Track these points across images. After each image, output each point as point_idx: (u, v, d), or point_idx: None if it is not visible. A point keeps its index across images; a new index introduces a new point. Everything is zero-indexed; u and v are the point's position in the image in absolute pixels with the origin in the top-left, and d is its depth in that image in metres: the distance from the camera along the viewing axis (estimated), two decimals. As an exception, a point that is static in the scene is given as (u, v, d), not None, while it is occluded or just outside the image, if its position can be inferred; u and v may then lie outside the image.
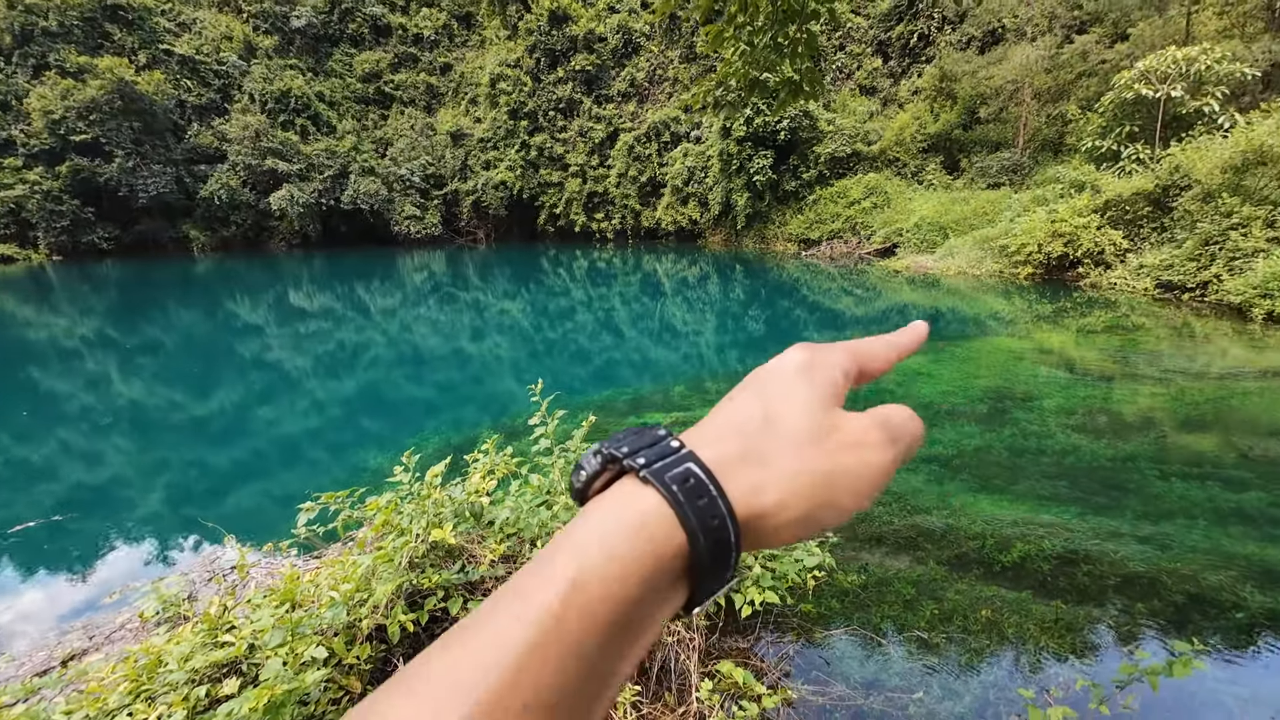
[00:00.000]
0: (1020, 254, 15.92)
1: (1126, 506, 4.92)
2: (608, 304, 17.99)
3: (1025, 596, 3.65)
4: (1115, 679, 2.55)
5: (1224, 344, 10.06)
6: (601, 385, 9.44)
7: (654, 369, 10.61)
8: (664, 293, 19.70)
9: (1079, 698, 2.57)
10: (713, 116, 27.48)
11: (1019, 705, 2.59)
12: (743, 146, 26.49)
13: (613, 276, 24.46)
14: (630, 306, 17.44)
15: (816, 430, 0.31)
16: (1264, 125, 12.50)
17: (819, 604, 3.46)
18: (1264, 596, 3.59)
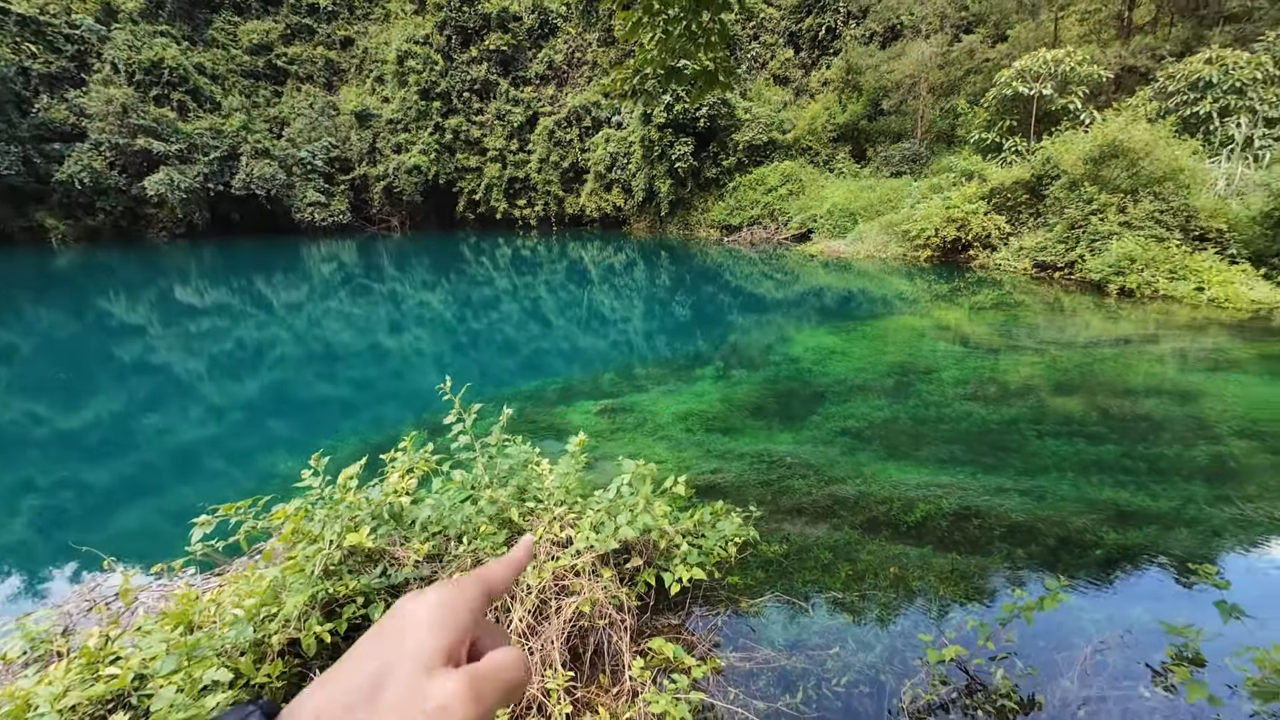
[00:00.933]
0: (920, 238, 17.19)
1: (1010, 464, 5.49)
2: (534, 293, 17.64)
3: (927, 552, 4.01)
4: (999, 617, 2.87)
5: (1087, 316, 11.40)
6: (530, 375, 9.29)
7: (583, 357, 10.57)
8: (591, 280, 19.59)
9: (969, 637, 2.87)
10: (632, 104, 27.42)
11: (922, 649, 2.85)
12: (664, 133, 26.66)
13: (538, 264, 23.99)
14: (557, 295, 17.21)
15: (408, 701, 0.35)
16: (1115, 122, 14.17)
17: (745, 575, 3.62)
18: (1117, 534, 4.15)
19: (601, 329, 12.94)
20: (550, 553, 2.57)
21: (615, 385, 8.28)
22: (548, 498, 2.92)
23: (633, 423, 6.72)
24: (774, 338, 10.89)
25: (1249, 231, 12.23)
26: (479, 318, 14.31)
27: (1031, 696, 2.55)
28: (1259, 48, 16.69)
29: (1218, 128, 15.78)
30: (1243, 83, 15.64)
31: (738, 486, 5.02)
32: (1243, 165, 14.47)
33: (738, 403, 7.40)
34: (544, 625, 2.38)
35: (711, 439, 6.21)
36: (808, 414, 6.98)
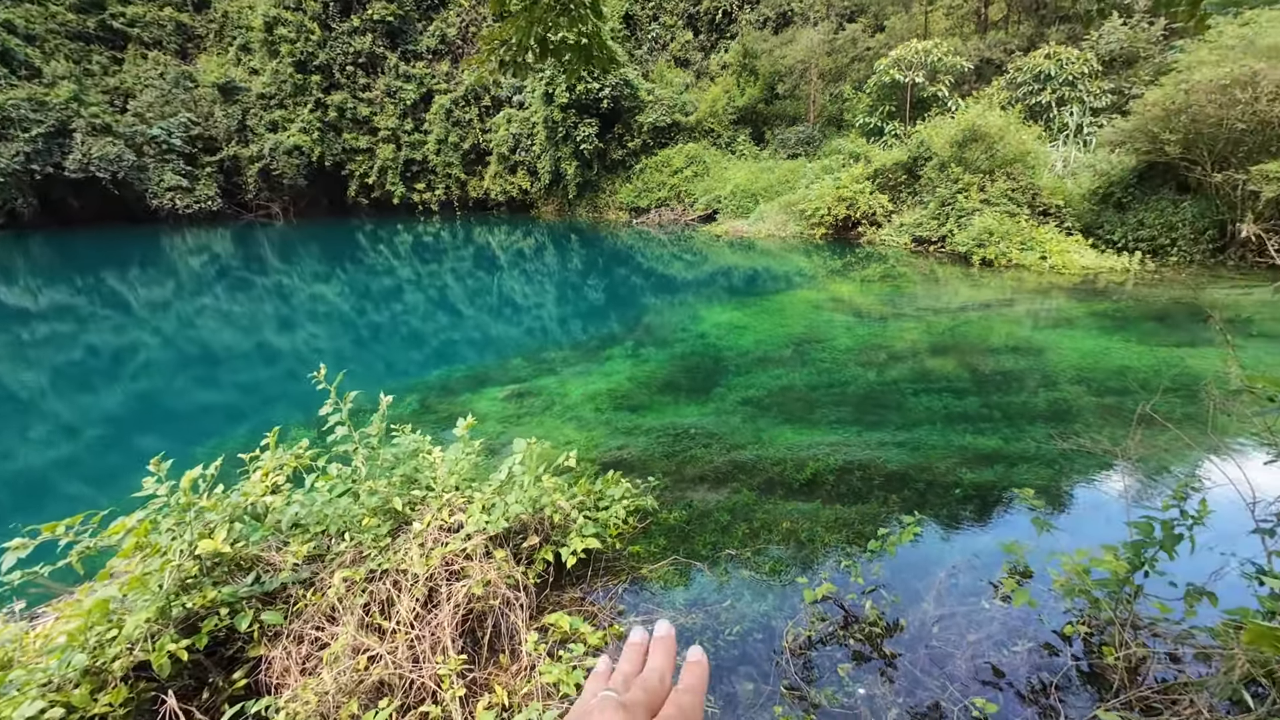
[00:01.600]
0: (815, 217, 18.21)
1: (889, 421, 6.02)
2: (439, 281, 16.86)
3: (816, 506, 4.32)
4: (866, 555, 3.16)
5: (956, 285, 12.65)
6: (436, 365, 8.90)
7: (493, 344, 10.27)
8: (500, 266, 19.01)
9: (844, 576, 3.16)
10: (509, 78, 26.61)
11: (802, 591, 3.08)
12: (567, 114, 26.15)
13: (442, 251, 22.91)
14: (465, 282, 16.55)
15: None
16: (974, 109, 15.69)
17: (648, 544, 3.73)
18: (973, 474, 4.69)
19: (511, 315, 12.63)
20: (440, 538, 2.50)
21: (524, 370, 8.15)
22: (439, 484, 2.84)
23: (541, 405, 6.65)
24: (683, 316, 11.15)
25: (1080, 207, 14.07)
26: (381, 309, 13.47)
27: (896, 621, 2.85)
28: (1086, 45, 19.08)
29: (1055, 116, 17.94)
30: (1074, 76, 17.83)
31: (644, 460, 5.14)
32: (1075, 149, 16.58)
33: (646, 380, 7.53)
34: (435, 612, 2.33)
35: (619, 416, 6.29)
36: (712, 386, 7.25)
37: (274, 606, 2.39)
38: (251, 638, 2.28)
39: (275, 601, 2.44)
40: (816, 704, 2.43)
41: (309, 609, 2.33)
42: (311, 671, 2.16)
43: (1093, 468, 4.74)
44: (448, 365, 8.66)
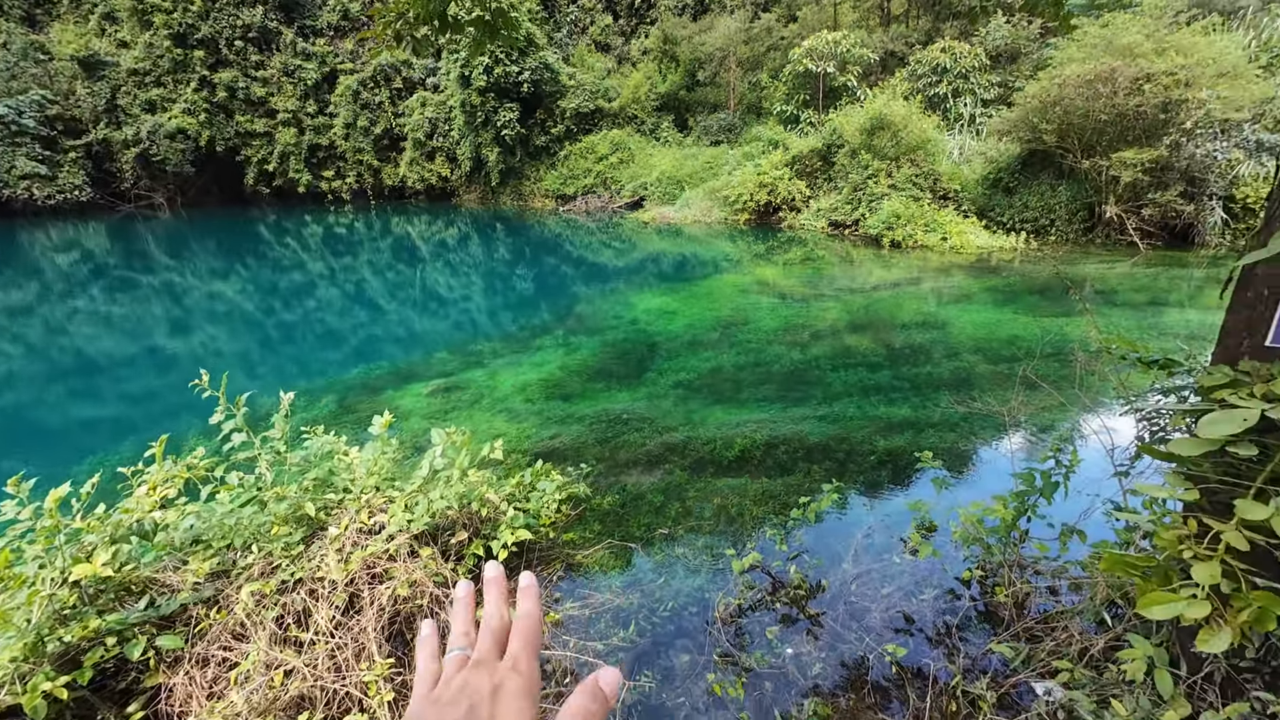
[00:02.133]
0: (738, 202, 18.69)
1: (811, 396, 6.32)
2: (356, 275, 15.89)
3: (744, 481, 4.49)
4: (790, 523, 3.33)
5: (870, 265, 13.41)
6: (354, 364, 8.40)
7: (420, 339, 9.82)
8: (422, 258, 18.19)
9: (769, 544, 3.31)
10: (406, 53, 25.44)
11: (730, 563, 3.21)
12: (485, 98, 25.21)
13: (358, 243, 21.57)
14: (384, 276, 15.69)
15: None
16: (880, 99, 16.61)
17: (583, 530, 3.74)
18: (886, 442, 5.02)
19: (436, 309, 12.14)
20: (359, 542, 2.38)
21: (451, 364, 7.87)
22: (357, 486, 2.70)
23: (469, 399, 6.47)
24: (613, 303, 11.15)
25: (974, 191, 15.28)
26: (291, 307, 12.54)
27: (819, 582, 3.02)
28: (976, 41, 20.61)
29: (951, 106, 19.31)
30: (967, 70, 19.24)
31: (577, 448, 5.12)
32: (969, 137, 17.95)
33: (578, 368, 7.49)
34: (357, 618, 2.22)
35: (551, 406, 6.23)
36: (644, 371, 7.32)
37: (173, 630, 2.19)
38: (148, 666, 2.09)
39: (174, 625, 2.25)
40: (748, 668, 2.54)
41: (214, 629, 2.16)
42: (219, 695, 2.01)
43: (987, 428, 5.21)
44: (368, 363, 8.21)
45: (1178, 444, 1.46)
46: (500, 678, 0.46)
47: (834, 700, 2.39)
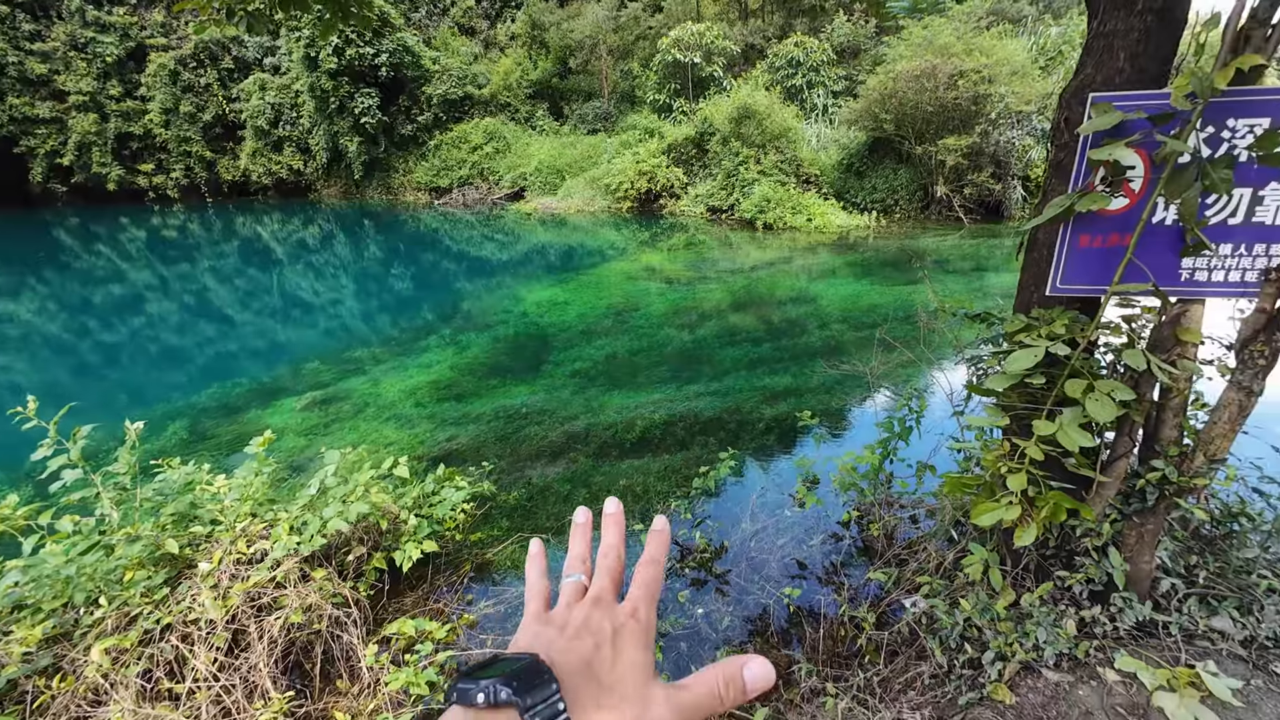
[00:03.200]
0: (619, 191, 18.90)
1: (702, 374, 6.65)
2: (196, 284, 13.92)
3: (647, 460, 4.64)
4: (692, 492, 3.52)
5: (747, 248, 14.25)
6: (205, 385, 7.40)
7: (285, 351, 8.86)
8: (278, 261, 16.37)
9: (674, 515, 3.49)
10: (241, 30, 22.86)
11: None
12: (339, 82, 23.01)
13: (194, 247, 18.88)
14: (233, 284, 13.90)
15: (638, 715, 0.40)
16: (744, 89, 17.60)
17: (490, 528, 3.66)
18: (772, 409, 5.44)
19: (301, 316, 11.02)
20: (238, 574, 2.16)
21: (325, 374, 7.22)
22: (229, 515, 2.43)
23: (351, 410, 6.00)
24: (502, 298, 10.84)
25: (832, 175, 16.77)
26: (112, 327, 10.73)
27: (722, 544, 3.24)
28: (823, 37, 22.46)
29: (807, 97, 20.94)
30: (817, 63, 20.94)
31: (477, 447, 4.98)
32: (824, 126, 19.61)
33: (469, 367, 7.23)
34: (245, 655, 2.03)
35: (444, 408, 5.97)
36: (540, 364, 7.24)
37: (3, 712, 1.86)
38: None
39: (3, 705, 1.90)
40: (664, 632, 2.67)
41: (61, 699, 1.86)
42: (77, 771, 1.75)
43: (858, 387, 5.83)
44: (221, 382, 7.28)
45: (991, 380, 1.76)
46: (621, 621, 0.46)
47: (743, 647, 2.60)
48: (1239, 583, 1.91)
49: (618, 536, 0.55)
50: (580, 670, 0.41)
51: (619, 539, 0.55)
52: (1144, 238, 1.63)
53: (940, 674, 1.92)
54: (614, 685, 0.41)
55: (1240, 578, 1.91)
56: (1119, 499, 1.87)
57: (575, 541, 0.56)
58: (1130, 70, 1.71)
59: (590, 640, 0.44)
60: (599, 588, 0.50)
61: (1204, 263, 1.63)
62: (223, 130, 27.61)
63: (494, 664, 0.41)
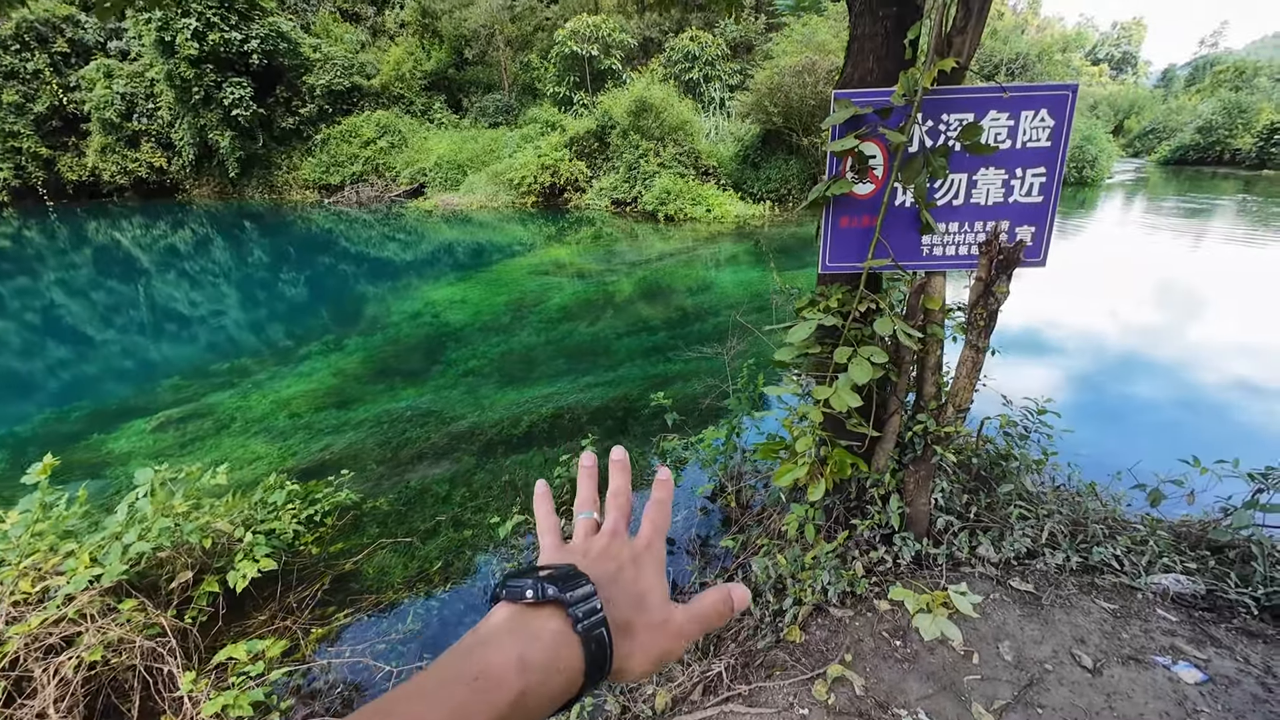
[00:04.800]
0: (523, 185, 18.57)
1: (598, 364, 6.72)
2: (40, 299, 12.20)
3: (532, 454, 4.65)
4: (555, 480, 3.57)
5: (651, 239, 14.48)
6: (38, 409, 6.51)
7: (142, 369, 7.97)
8: (143, 269, 14.70)
9: None
10: (138, 24, 20.41)
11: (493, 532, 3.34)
12: (202, 70, 20.79)
13: (36, 259, 16.50)
14: (89, 297, 12.30)
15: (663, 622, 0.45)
16: (640, 83, 17.81)
17: (360, 536, 3.53)
18: (659, 395, 5.59)
19: (164, 330, 9.96)
20: (20, 615, 1.95)
21: (186, 391, 6.60)
22: (18, 549, 2.19)
23: (213, 426, 5.54)
24: (396, 299, 10.36)
25: (730, 167, 17.37)
26: None
27: (591, 528, 3.32)
28: (717, 32, 23.12)
29: (704, 90, 21.51)
30: (712, 58, 21.54)
31: (354, 455, 4.76)
32: (721, 119, 20.26)
33: (354, 373, 6.88)
34: (28, 705, 1.84)
35: (322, 417, 5.66)
36: (432, 365, 7.01)
37: None
38: None
39: None
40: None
41: None
42: None
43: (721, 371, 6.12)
44: (58, 406, 6.46)
45: (779, 352, 1.93)
46: (639, 549, 0.49)
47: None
48: (1001, 515, 2.23)
49: (624, 480, 0.58)
50: (611, 582, 0.46)
51: (625, 482, 0.58)
52: (889, 219, 1.85)
53: (755, 625, 2.10)
54: (641, 596, 0.46)
55: (1002, 510, 2.24)
56: (897, 451, 2.12)
57: (583, 484, 0.59)
58: (877, 70, 1.92)
59: (613, 564, 0.47)
60: (612, 521, 0.53)
61: (938, 240, 1.87)
62: (61, 124, 24.21)
63: (533, 571, 0.44)
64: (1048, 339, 7.38)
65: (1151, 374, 6.42)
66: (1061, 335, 7.51)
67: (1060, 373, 6.35)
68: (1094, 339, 7.43)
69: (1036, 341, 7.27)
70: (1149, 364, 6.70)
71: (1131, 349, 7.12)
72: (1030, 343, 7.20)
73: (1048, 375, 6.26)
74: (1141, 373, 6.45)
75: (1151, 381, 6.19)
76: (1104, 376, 6.28)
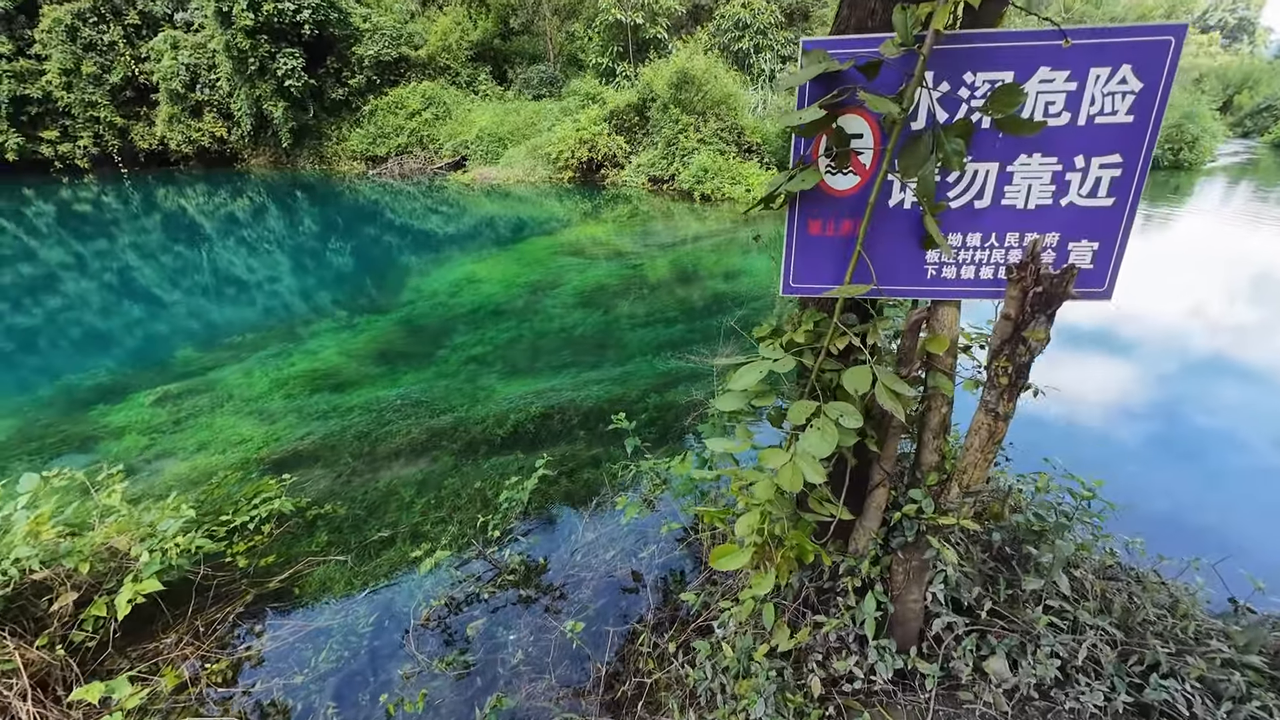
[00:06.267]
0: (560, 160, 18.10)
1: (606, 358, 6.30)
2: (118, 261, 12.83)
3: (515, 456, 4.30)
4: (502, 506, 3.18)
5: (685, 219, 13.81)
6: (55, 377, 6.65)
7: (166, 337, 8.08)
8: (206, 236, 15.25)
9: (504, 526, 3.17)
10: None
11: (463, 560, 3.01)
12: (257, 41, 21.18)
13: (112, 223, 17.40)
14: (159, 261, 12.83)
15: None
16: (683, 53, 16.87)
17: (307, 542, 3.28)
18: (658, 398, 5.13)
19: (197, 299, 10.17)
20: None
21: (196, 363, 6.62)
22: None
23: (209, 403, 5.47)
24: (417, 275, 10.24)
25: (775, 144, 16.32)
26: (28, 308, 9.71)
27: (541, 561, 2.94)
28: (773, -2, 21.69)
29: (754, 61, 20.29)
30: (765, 26, 20.23)
31: (331, 446, 4.55)
32: (770, 93, 19.07)
33: (359, 353, 6.73)
34: None
35: (316, 400, 5.50)
36: (435, 350, 6.78)
37: None
38: None
39: None
40: (444, 668, 2.37)
41: None
42: None
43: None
44: (77, 371, 6.59)
45: (721, 400, 1.45)
46: None
47: (535, 681, 2.31)
48: (1026, 617, 1.69)
49: None
50: None
51: None
52: (879, 225, 1.32)
53: (681, 734, 1.67)
54: None
55: (1027, 610, 1.70)
56: (882, 531, 1.61)
57: None
58: (882, 12, 1.37)
59: None
60: None
61: (950, 256, 1.33)
62: (134, 94, 25.34)
63: None
64: (1108, 349, 6.43)
65: (1249, 410, 5.45)
66: (1129, 345, 6.53)
67: (1122, 404, 5.48)
68: (1171, 352, 6.42)
69: (1094, 350, 6.34)
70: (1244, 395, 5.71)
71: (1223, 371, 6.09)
72: (1086, 352, 6.28)
73: (1104, 406, 5.41)
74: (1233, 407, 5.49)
75: (1250, 419, 5.24)
76: (1185, 409, 5.37)
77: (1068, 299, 1.20)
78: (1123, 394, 5.45)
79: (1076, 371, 5.76)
